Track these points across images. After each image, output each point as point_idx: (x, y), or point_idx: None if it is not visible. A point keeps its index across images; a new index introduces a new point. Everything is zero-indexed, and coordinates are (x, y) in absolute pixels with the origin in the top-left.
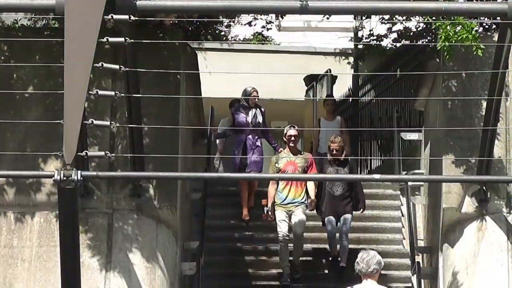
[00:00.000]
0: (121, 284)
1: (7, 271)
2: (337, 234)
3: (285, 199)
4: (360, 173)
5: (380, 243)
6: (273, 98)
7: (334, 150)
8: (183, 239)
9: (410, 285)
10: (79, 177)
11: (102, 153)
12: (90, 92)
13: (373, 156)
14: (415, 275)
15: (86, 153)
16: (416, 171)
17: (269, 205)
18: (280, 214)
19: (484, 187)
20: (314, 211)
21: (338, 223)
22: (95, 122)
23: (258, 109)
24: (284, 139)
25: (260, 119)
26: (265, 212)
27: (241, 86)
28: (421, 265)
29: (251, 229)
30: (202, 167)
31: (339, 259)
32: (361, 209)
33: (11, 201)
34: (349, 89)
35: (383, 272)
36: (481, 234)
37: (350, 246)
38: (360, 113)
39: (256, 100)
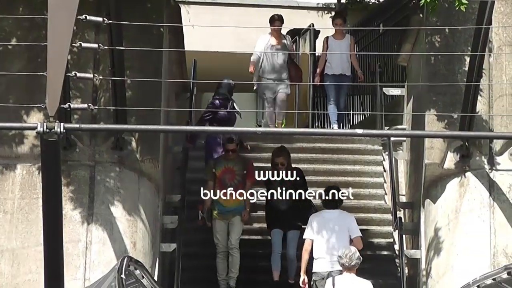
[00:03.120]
0: (102, 236)
1: None
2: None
3: (222, 209)
4: (343, 128)
5: (362, 198)
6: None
7: (279, 164)
8: (165, 192)
9: (391, 240)
10: (62, 129)
11: (85, 105)
12: (74, 44)
13: (356, 111)
14: (396, 231)
15: (69, 105)
16: (399, 126)
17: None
18: (217, 225)
19: (466, 143)
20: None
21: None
22: (78, 74)
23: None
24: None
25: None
26: (200, 218)
27: (223, 39)
28: (402, 221)
29: None
30: (184, 120)
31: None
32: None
33: None
34: None
35: (365, 227)
36: (463, 190)
37: None
38: None
39: None
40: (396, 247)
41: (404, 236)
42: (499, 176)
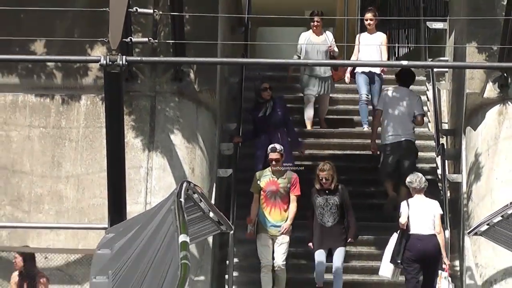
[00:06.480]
0: (162, 163)
1: (56, 151)
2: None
3: (266, 222)
4: (389, 59)
5: None
6: None
7: (324, 179)
8: (222, 121)
9: (434, 165)
10: (124, 62)
11: (146, 39)
12: None
13: (401, 43)
14: (439, 156)
15: (131, 39)
16: (441, 58)
17: (252, 223)
18: (262, 239)
19: (505, 73)
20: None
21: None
22: (139, 10)
23: (271, 102)
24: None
25: (270, 110)
26: (248, 231)
27: None
28: (445, 147)
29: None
30: (239, 53)
31: None
32: (350, 239)
33: (59, 84)
34: None
35: None
36: (502, 118)
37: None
38: (388, 2)
39: (269, 94)
40: (439, 171)
41: (446, 161)
42: None
